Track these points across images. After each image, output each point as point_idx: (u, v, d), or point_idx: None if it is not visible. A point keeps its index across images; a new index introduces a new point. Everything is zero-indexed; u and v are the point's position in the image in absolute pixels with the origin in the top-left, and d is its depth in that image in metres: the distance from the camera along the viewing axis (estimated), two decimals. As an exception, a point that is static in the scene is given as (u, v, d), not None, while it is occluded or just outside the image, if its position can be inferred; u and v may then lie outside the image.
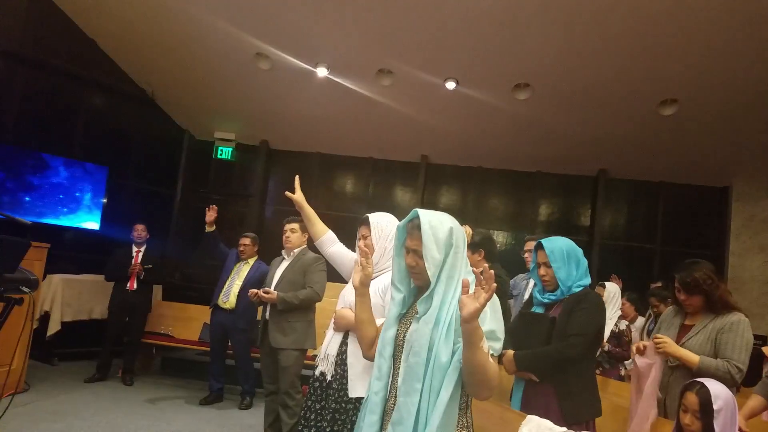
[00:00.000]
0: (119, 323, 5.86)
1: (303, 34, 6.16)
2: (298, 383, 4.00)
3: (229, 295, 5.27)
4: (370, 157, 8.49)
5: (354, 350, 2.32)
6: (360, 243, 2.35)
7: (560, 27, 5.45)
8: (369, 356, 1.93)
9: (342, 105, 7.21)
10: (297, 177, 2.83)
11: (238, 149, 8.58)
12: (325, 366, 2.39)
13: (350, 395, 2.27)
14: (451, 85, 6.50)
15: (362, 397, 2.26)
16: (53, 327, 5.99)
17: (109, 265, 5.96)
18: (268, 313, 4.07)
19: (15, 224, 2.87)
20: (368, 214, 2.44)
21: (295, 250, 4.20)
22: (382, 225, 2.41)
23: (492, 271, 1.47)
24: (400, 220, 2.56)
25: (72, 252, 6.60)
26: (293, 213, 3.22)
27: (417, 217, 1.74)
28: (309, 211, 2.77)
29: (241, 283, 5.25)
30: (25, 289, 2.84)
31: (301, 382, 4.04)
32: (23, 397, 4.81)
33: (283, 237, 4.20)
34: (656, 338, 2.72)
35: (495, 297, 1.54)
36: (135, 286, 5.84)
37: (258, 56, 6.63)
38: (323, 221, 2.79)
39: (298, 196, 2.76)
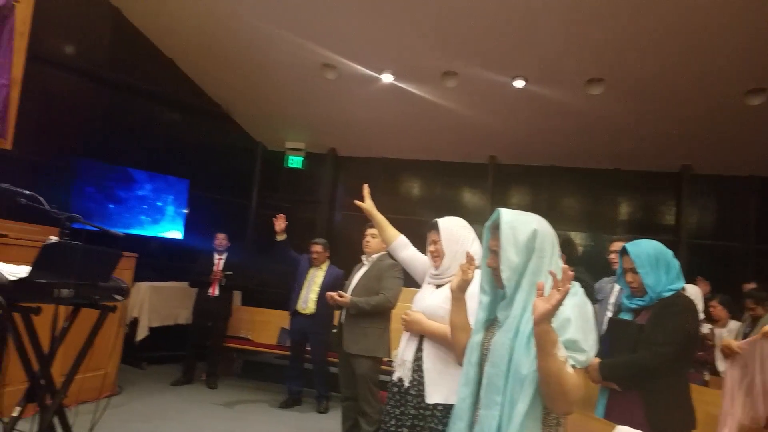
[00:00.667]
0: (202, 328, 6.12)
1: (368, 42, 6.23)
2: (374, 390, 4.01)
3: (308, 301, 5.39)
4: (436, 160, 8.44)
5: (430, 355, 2.30)
6: (466, 253, 2.32)
7: (631, 16, 5.19)
8: (462, 363, 1.86)
9: (407, 109, 7.22)
10: (366, 186, 2.85)
11: (307, 158, 8.77)
12: (402, 371, 2.39)
13: (427, 401, 2.25)
14: (519, 83, 6.35)
15: (439, 404, 2.24)
16: (142, 332, 6.32)
17: (192, 273, 6.25)
18: (343, 318, 4.12)
19: (107, 236, 3.06)
20: (437, 219, 2.43)
21: (374, 256, 4.19)
22: (452, 229, 2.39)
23: (571, 273, 1.39)
24: (468, 222, 2.54)
25: (157, 260, 6.97)
26: (361, 218, 3.25)
27: (499, 216, 1.67)
28: (379, 218, 2.79)
29: (318, 289, 5.35)
30: (118, 297, 3.03)
31: (380, 388, 4.04)
32: (116, 399, 5.09)
33: (363, 241, 4.22)
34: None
35: (587, 305, 1.46)
36: (216, 292, 6.08)
37: (324, 67, 6.75)
38: (391, 225, 2.80)
39: (368, 204, 2.77)
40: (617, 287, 3.92)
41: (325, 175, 8.83)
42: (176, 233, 7.33)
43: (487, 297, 1.74)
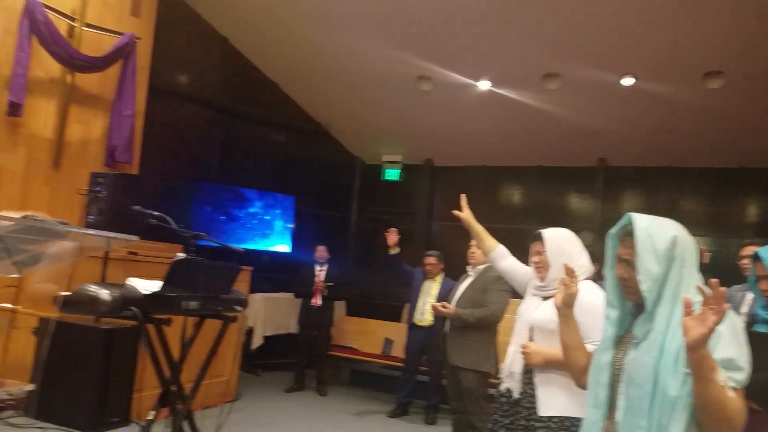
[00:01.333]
0: (308, 337, 6.37)
1: (464, 50, 6.19)
2: (483, 404, 3.91)
3: (424, 313, 5.43)
4: (538, 165, 8.17)
5: (542, 368, 2.22)
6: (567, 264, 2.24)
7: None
8: (581, 384, 1.75)
9: (506, 115, 7.07)
10: (463, 196, 2.81)
11: (404, 169, 8.85)
12: (510, 383, 2.34)
13: (540, 414, 2.18)
14: (628, 81, 5.99)
15: (554, 416, 2.16)
16: (257, 341, 6.67)
17: (296, 284, 6.53)
18: (447, 328, 4.07)
19: (225, 251, 3.26)
20: (541, 230, 2.36)
21: (480, 267, 4.11)
22: (558, 240, 2.33)
23: (723, 289, 1.24)
24: (576, 230, 2.42)
25: (268, 273, 7.32)
26: (459, 228, 3.19)
27: (630, 222, 1.54)
28: (477, 228, 2.75)
29: (433, 301, 5.35)
30: (238, 308, 3.22)
31: (489, 401, 3.94)
32: (235, 404, 5.38)
33: (468, 252, 4.17)
34: None
35: (734, 316, 1.33)
36: (319, 302, 6.31)
37: (419, 79, 6.82)
38: (490, 235, 2.75)
39: (466, 213, 2.74)
40: (750, 296, 3.54)
41: (421, 186, 8.86)
42: (284, 247, 7.67)
43: (615, 311, 1.60)
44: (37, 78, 4.88)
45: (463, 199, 2.79)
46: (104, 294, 2.43)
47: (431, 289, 5.47)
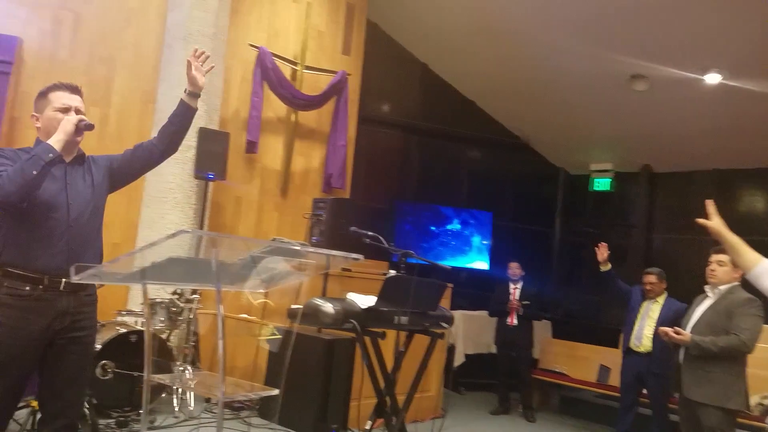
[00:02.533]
0: (507, 357, 6.16)
1: (687, 42, 5.58)
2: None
3: (642, 337, 4.92)
4: (786, 166, 6.92)
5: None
6: None
7: None
8: None
9: (742, 110, 6.13)
10: (710, 202, 2.44)
11: (615, 178, 8.20)
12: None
13: None
14: None
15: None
16: (458, 359, 6.68)
17: (491, 302, 6.40)
18: (681, 357, 3.59)
19: (431, 268, 3.35)
20: None
21: (722, 287, 3.54)
22: None
23: None
24: None
25: (467, 290, 7.33)
26: (685, 241, 2.79)
27: None
28: (732, 239, 2.33)
29: (654, 324, 4.85)
30: (445, 325, 3.28)
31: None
32: (441, 422, 5.43)
33: (707, 270, 3.66)
34: None
35: None
36: (515, 321, 6.07)
37: (633, 78, 6.29)
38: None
39: (716, 223, 2.35)
40: None
41: (638, 196, 8.10)
42: (483, 264, 7.63)
43: None
44: (267, 118, 5.63)
45: (711, 206, 2.42)
46: (329, 307, 2.66)
47: (651, 312, 4.91)
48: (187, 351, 4.25)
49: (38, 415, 2.99)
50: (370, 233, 3.14)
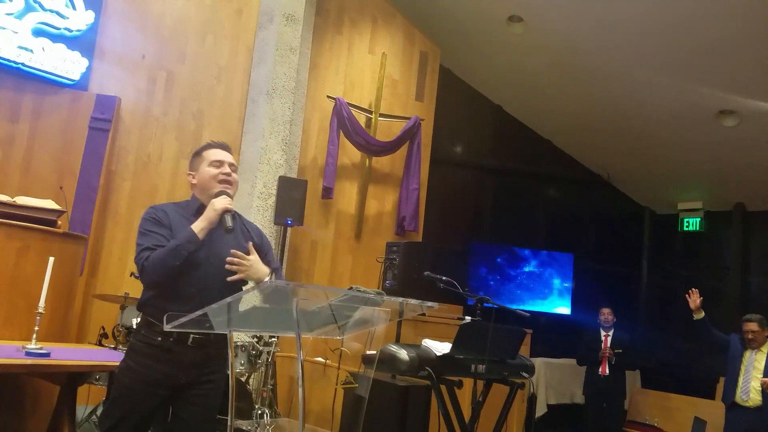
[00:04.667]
0: (597, 409, 5.82)
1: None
2: None
3: (749, 391, 4.52)
4: None
5: None
6: None
7: None
8: None
9: None
10: None
11: (706, 217, 7.74)
12: None
13: None
14: None
15: None
16: (540, 409, 6.38)
17: (579, 349, 6.09)
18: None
19: (508, 313, 3.26)
20: None
21: None
22: None
23: None
24: None
25: (548, 336, 7.06)
26: None
27: None
28: None
29: (760, 376, 4.45)
30: (525, 375, 3.16)
31: None
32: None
33: None
34: None
35: None
36: (607, 371, 5.74)
37: (721, 114, 6.00)
38: None
39: None
40: None
41: (731, 236, 7.60)
42: (564, 309, 7.32)
43: None
44: (343, 165, 5.80)
45: None
46: (403, 354, 2.65)
47: (756, 362, 4.49)
48: (265, 394, 4.33)
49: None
50: (444, 278, 3.12)
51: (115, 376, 2.20)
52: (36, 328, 2.67)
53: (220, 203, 2.14)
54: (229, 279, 2.06)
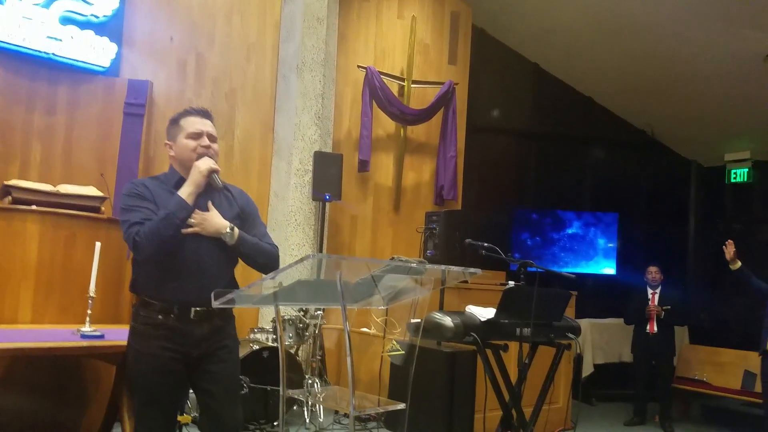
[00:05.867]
0: (646, 367, 5.80)
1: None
2: None
3: None
4: None
5: None
6: None
7: None
8: None
9: None
10: None
11: (755, 168, 7.43)
12: None
13: None
14: None
15: None
16: (587, 369, 6.38)
17: (627, 309, 6.04)
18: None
19: (553, 277, 3.24)
20: None
21: None
22: None
23: None
24: None
25: (593, 297, 6.98)
26: None
27: None
28: None
29: None
30: (571, 336, 3.15)
31: None
32: (576, 433, 5.21)
33: None
34: None
35: None
36: (655, 329, 5.70)
37: (768, 58, 5.71)
38: None
39: None
40: None
41: (782, 186, 7.29)
42: (609, 269, 7.23)
43: None
44: (377, 136, 5.79)
45: None
46: (448, 321, 2.68)
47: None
48: (314, 365, 4.46)
49: (184, 429, 3.30)
50: (486, 244, 3.12)
51: (128, 363, 2.15)
52: (89, 312, 2.74)
53: (204, 164, 2.05)
54: (183, 231, 1.99)
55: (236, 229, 2.06)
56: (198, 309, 2.01)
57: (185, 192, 2.01)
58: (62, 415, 3.22)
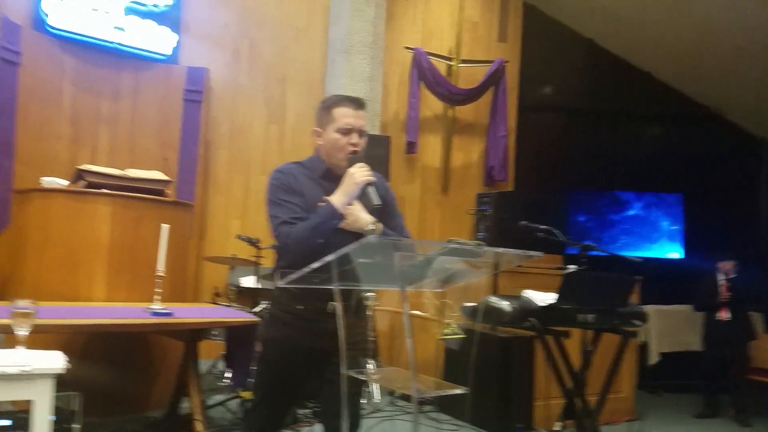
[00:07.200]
0: (717, 356, 5.46)
1: None
2: None
3: None
4: None
5: None
6: None
7: None
8: None
9: None
10: None
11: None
12: None
13: None
14: None
15: None
16: (652, 357, 6.10)
17: (696, 295, 5.71)
18: None
19: (616, 261, 3.05)
20: None
21: None
22: None
23: None
24: None
25: (658, 282, 6.65)
26: None
27: None
28: None
29: None
30: (637, 323, 2.97)
31: None
32: (638, 424, 4.98)
33: None
34: None
35: None
36: (727, 316, 5.35)
37: None
38: None
39: None
40: None
41: None
42: (675, 253, 6.87)
43: None
44: (425, 117, 5.67)
45: None
46: (505, 305, 2.56)
47: None
48: (368, 346, 4.43)
49: (246, 405, 3.33)
50: (542, 227, 2.97)
51: (262, 347, 2.19)
52: (158, 290, 2.82)
53: (360, 176, 1.99)
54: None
55: (380, 225, 2.04)
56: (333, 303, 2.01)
57: (338, 201, 1.98)
58: (134, 387, 3.34)
